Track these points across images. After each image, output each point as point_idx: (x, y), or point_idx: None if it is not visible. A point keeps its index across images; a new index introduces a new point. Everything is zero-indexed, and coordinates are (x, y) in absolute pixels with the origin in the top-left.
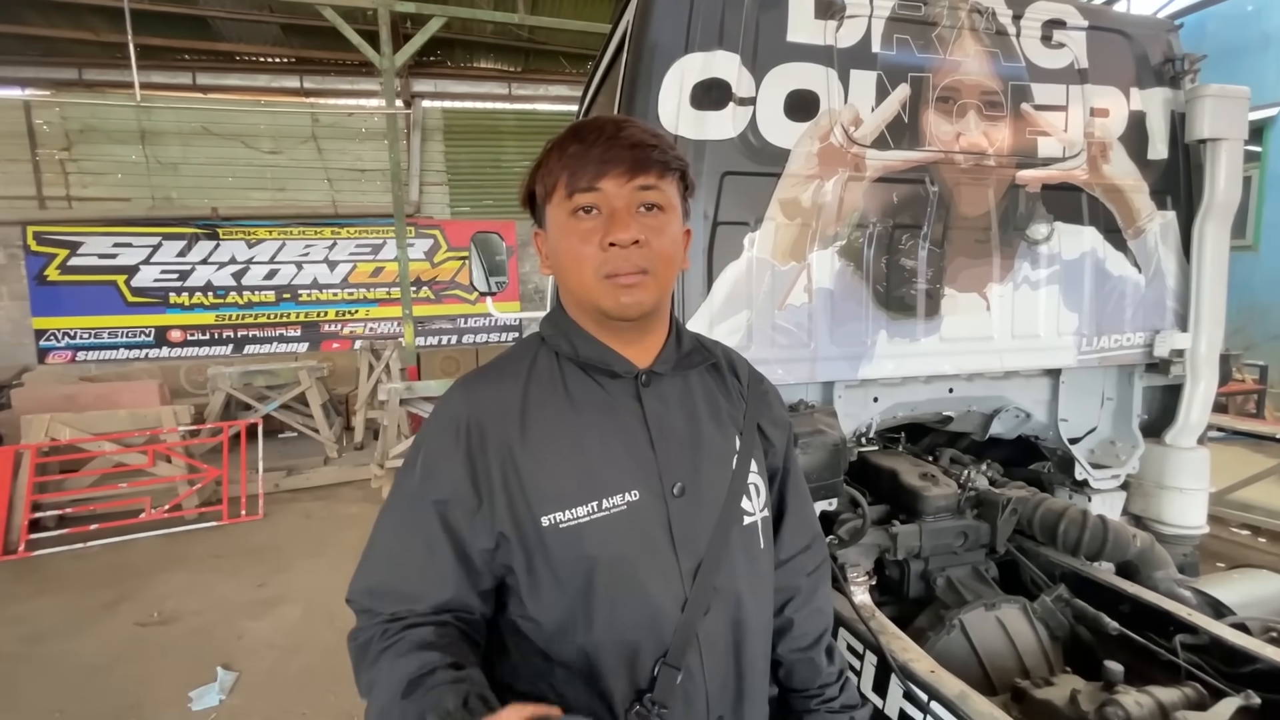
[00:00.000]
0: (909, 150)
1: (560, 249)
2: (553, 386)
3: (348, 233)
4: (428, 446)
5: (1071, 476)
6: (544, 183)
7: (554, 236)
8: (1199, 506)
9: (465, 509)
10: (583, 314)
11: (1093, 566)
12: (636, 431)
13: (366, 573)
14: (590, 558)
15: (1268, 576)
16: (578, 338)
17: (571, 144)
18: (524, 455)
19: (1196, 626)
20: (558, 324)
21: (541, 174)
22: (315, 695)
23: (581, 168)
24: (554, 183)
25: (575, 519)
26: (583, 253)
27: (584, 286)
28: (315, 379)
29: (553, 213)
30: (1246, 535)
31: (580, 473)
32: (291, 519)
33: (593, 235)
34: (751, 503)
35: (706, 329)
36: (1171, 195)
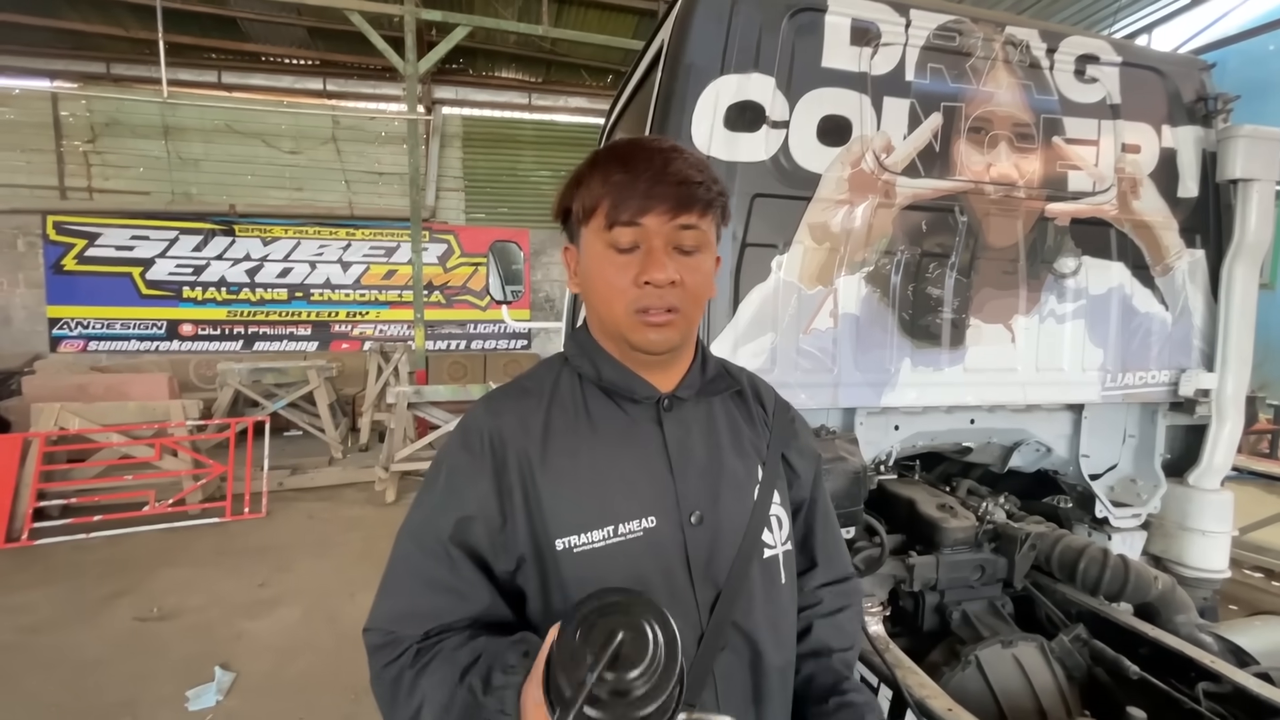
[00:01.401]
0: (939, 179)
1: (593, 276)
2: (574, 408)
3: (362, 234)
4: (451, 461)
5: (1091, 514)
6: (582, 203)
7: (588, 261)
8: (1221, 550)
9: (490, 526)
10: (608, 339)
11: (1111, 607)
12: (656, 457)
13: (390, 597)
14: (603, 583)
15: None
16: (601, 361)
17: (617, 170)
18: (543, 476)
19: (1219, 674)
20: (582, 345)
21: (581, 193)
22: (313, 699)
23: (625, 199)
24: (594, 207)
25: (590, 544)
26: (616, 285)
27: (614, 318)
28: (324, 379)
29: (589, 236)
30: (1260, 578)
31: (598, 497)
32: (294, 519)
33: (628, 269)
34: (773, 535)
35: (731, 351)
36: (1200, 234)
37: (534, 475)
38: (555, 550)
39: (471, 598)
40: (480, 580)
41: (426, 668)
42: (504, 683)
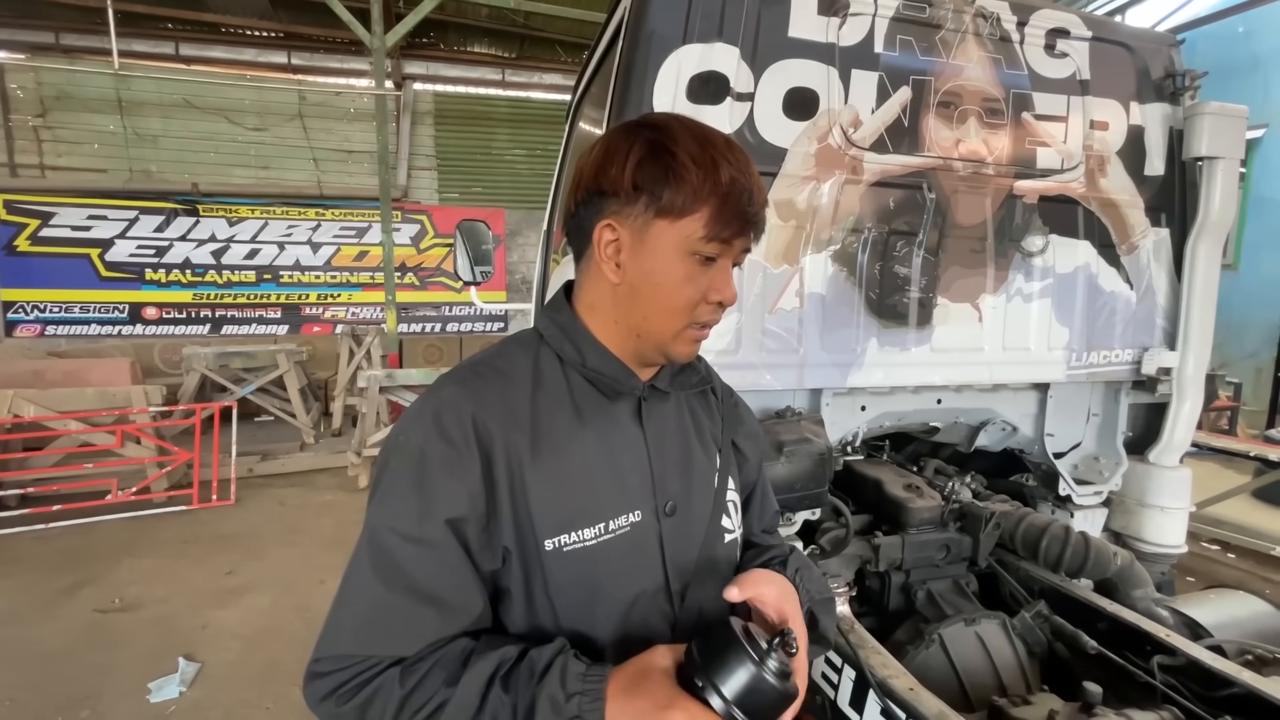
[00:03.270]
0: (908, 155)
1: (659, 278)
2: (560, 396)
3: (332, 215)
4: (430, 450)
5: (1055, 491)
6: (675, 195)
7: (655, 259)
8: (1179, 526)
9: (479, 524)
10: (618, 334)
11: (1072, 583)
12: (638, 449)
13: (359, 614)
14: (593, 580)
15: (1244, 598)
16: (587, 347)
17: (728, 172)
18: (533, 473)
19: (1174, 648)
20: (565, 328)
21: (673, 182)
22: (280, 689)
23: (732, 215)
24: (691, 207)
25: (581, 542)
26: (687, 297)
27: (665, 327)
28: (294, 363)
29: (667, 233)
30: (1216, 550)
31: (589, 494)
32: (264, 505)
33: (700, 282)
34: (731, 520)
35: None
36: (1166, 212)
37: (523, 471)
38: (544, 550)
39: (466, 607)
40: (477, 586)
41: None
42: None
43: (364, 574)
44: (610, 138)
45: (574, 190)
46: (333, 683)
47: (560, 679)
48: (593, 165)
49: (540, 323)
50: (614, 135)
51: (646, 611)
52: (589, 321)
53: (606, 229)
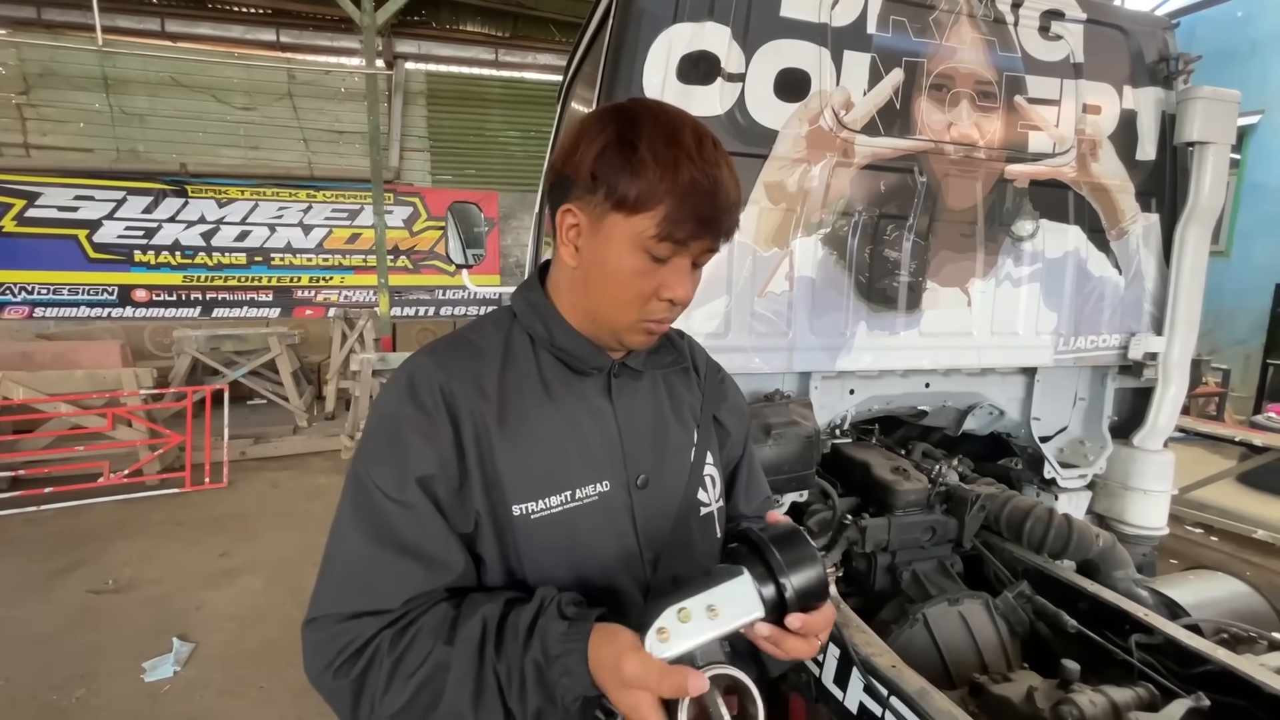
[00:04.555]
0: (899, 138)
1: (610, 270)
2: (529, 372)
3: (324, 196)
4: (402, 414)
5: (1040, 475)
6: (631, 189)
7: (608, 251)
8: (1161, 508)
9: (450, 486)
10: (578, 314)
11: (1055, 564)
12: (607, 423)
13: (345, 573)
14: (561, 548)
15: (1221, 578)
16: (554, 325)
17: (689, 172)
18: (500, 440)
19: (1152, 627)
20: (535, 307)
21: (631, 177)
22: (274, 668)
23: (685, 217)
24: (645, 203)
25: (548, 509)
26: (636, 291)
27: (616, 317)
28: (286, 346)
29: (621, 226)
30: (1200, 534)
31: (555, 462)
32: (257, 488)
33: (652, 278)
34: (708, 493)
35: (684, 315)
36: (1156, 198)
37: (490, 441)
38: (512, 516)
39: (448, 562)
40: (456, 542)
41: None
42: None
43: (348, 531)
44: (583, 123)
45: (549, 173)
46: (329, 652)
47: (542, 644)
48: (561, 149)
49: (514, 301)
50: (587, 121)
51: (618, 576)
52: (557, 301)
53: (568, 214)
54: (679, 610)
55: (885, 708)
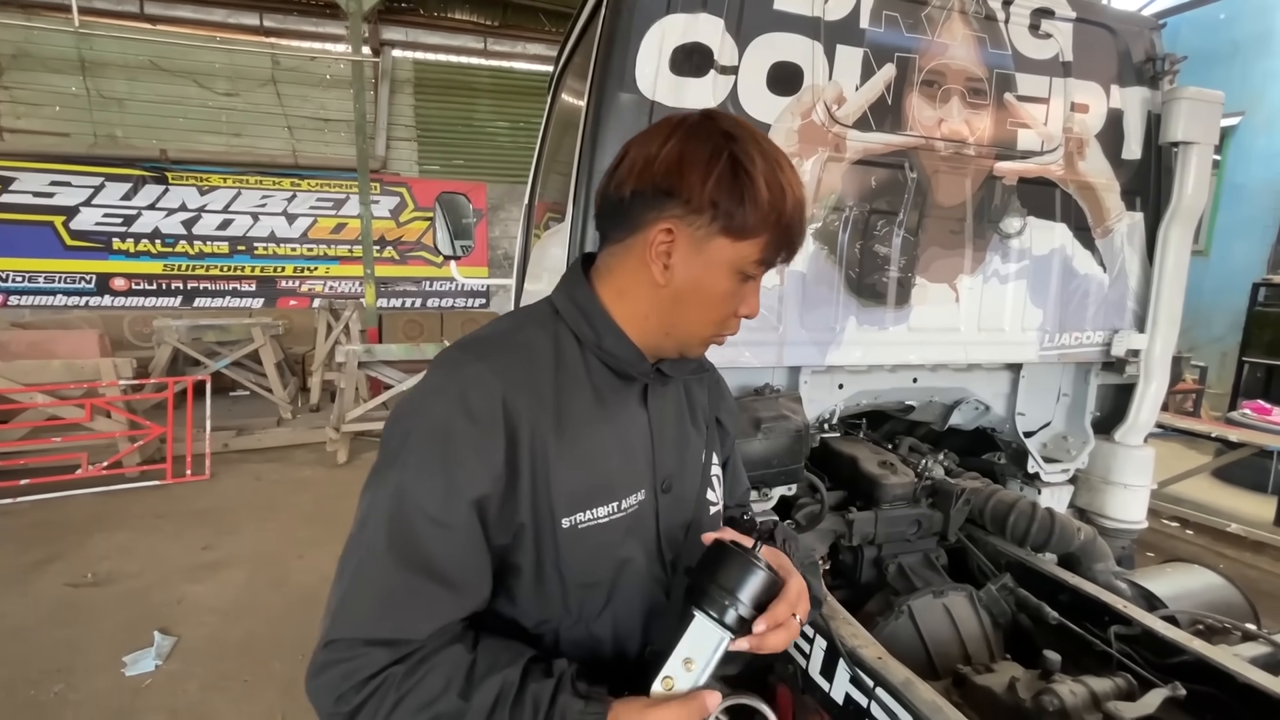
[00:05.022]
0: (891, 134)
1: (703, 289)
2: (578, 377)
3: (309, 185)
4: (457, 428)
5: (1024, 469)
6: (744, 216)
7: (704, 270)
8: (1141, 502)
9: (497, 503)
10: (645, 327)
11: (1037, 557)
12: (644, 431)
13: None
14: (601, 556)
15: (1197, 571)
16: (607, 331)
17: (792, 199)
18: (557, 452)
19: (1130, 618)
20: (583, 308)
21: (748, 205)
22: (258, 662)
23: (785, 243)
24: (752, 229)
25: (595, 519)
26: (722, 309)
27: (695, 332)
28: (269, 337)
29: (724, 248)
30: (1176, 527)
31: (605, 473)
32: (240, 480)
33: (737, 298)
34: (715, 493)
35: None
36: (1141, 197)
37: (546, 451)
38: (560, 528)
39: (479, 590)
40: (488, 567)
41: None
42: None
43: (380, 551)
44: (688, 139)
45: (630, 177)
46: (340, 674)
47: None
48: (666, 164)
49: (557, 299)
50: (691, 137)
51: (643, 580)
52: (613, 306)
53: (664, 230)
54: (664, 679)
55: (871, 698)
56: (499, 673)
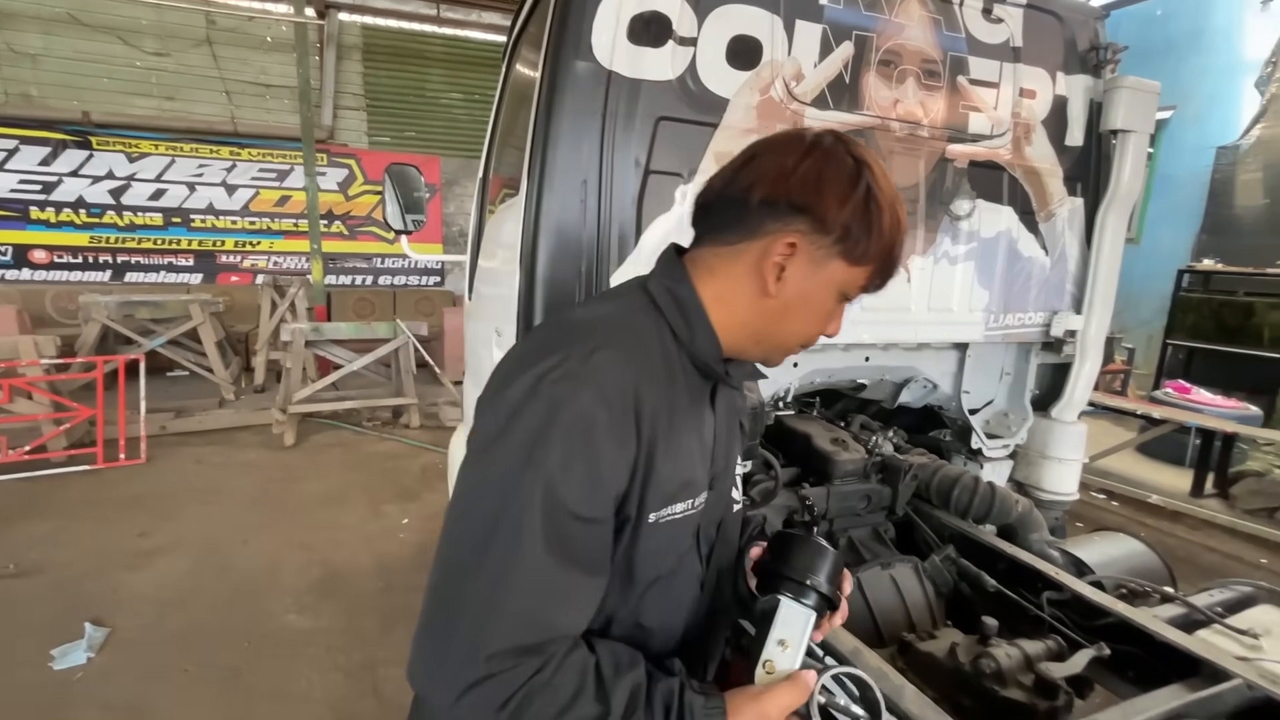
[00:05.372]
0: (847, 112)
1: (813, 306)
2: (677, 372)
3: (249, 154)
4: (599, 420)
5: (968, 445)
6: (866, 245)
7: (819, 289)
8: (1073, 475)
9: (625, 496)
10: (737, 332)
11: (978, 529)
12: (710, 430)
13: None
14: (670, 552)
15: (1122, 539)
16: (702, 332)
17: (902, 233)
18: (665, 448)
19: (1061, 584)
20: (683, 305)
21: (873, 236)
22: (201, 652)
23: (888, 274)
24: (869, 259)
25: (673, 515)
26: (820, 326)
27: (785, 345)
28: (209, 314)
29: (839, 273)
30: (1103, 499)
31: (690, 470)
32: (180, 464)
33: (831, 316)
34: (737, 491)
35: None
36: (1081, 183)
37: (656, 447)
38: (646, 522)
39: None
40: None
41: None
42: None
43: (538, 552)
44: (826, 160)
45: (761, 184)
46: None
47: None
48: (804, 180)
49: (656, 291)
50: (829, 158)
51: (691, 574)
52: (709, 306)
53: (788, 244)
54: (765, 663)
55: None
56: (627, 674)
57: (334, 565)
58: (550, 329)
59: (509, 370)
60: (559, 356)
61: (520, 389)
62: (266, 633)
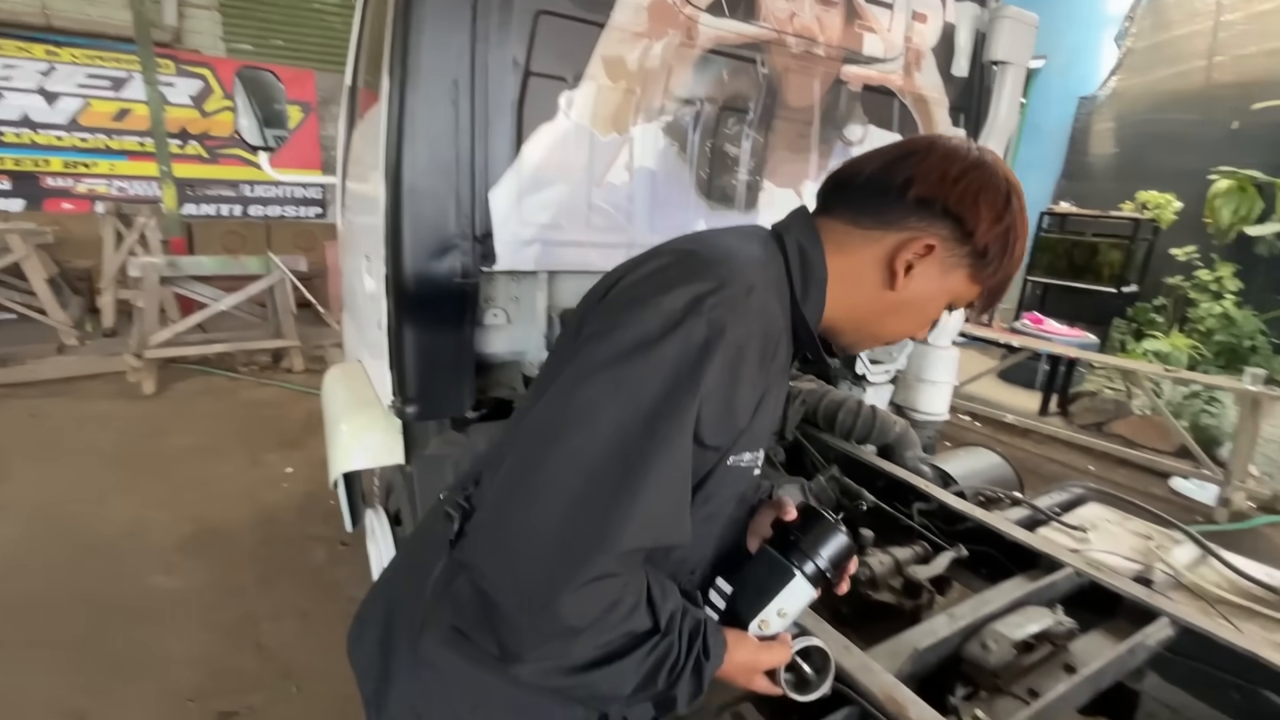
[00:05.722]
0: (744, 22)
1: (926, 308)
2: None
3: (72, 56)
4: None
5: (853, 372)
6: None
7: (938, 293)
8: (945, 397)
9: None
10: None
11: (860, 449)
12: (782, 393)
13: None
14: (731, 496)
15: (982, 453)
16: (815, 303)
17: (1018, 268)
18: (771, 393)
19: (929, 495)
20: (810, 271)
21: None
22: (40, 624)
23: (995, 300)
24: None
25: (742, 462)
26: (918, 327)
27: (880, 337)
28: (34, 247)
29: (961, 283)
30: (969, 421)
31: (770, 422)
32: (9, 419)
33: (927, 324)
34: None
35: (514, 202)
36: (965, 113)
37: (768, 395)
38: (726, 462)
39: None
40: None
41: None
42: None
43: (680, 463)
44: (989, 178)
45: (922, 180)
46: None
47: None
48: (965, 190)
49: (790, 243)
50: (992, 177)
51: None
52: (830, 280)
53: (927, 244)
54: (761, 623)
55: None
56: (671, 597)
57: (207, 521)
58: (694, 254)
59: (655, 281)
60: (715, 283)
61: (680, 301)
62: (128, 597)
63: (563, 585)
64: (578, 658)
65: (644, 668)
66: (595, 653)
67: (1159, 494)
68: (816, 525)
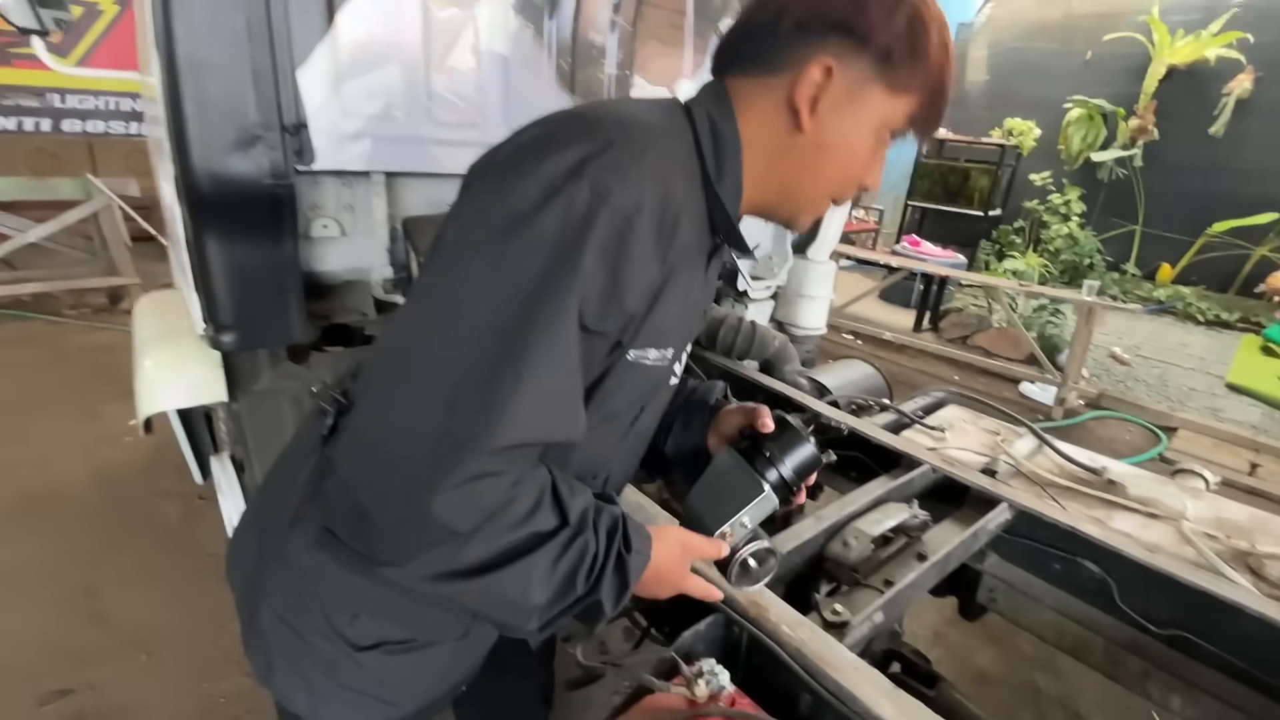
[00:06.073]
0: None
1: (851, 145)
2: (695, 208)
3: None
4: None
5: (735, 288)
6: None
7: (855, 125)
8: (823, 311)
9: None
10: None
11: (741, 365)
12: (700, 292)
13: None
14: (634, 398)
15: (856, 364)
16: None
17: (949, 72)
18: (673, 284)
19: (806, 406)
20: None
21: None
22: None
23: (932, 114)
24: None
25: (645, 360)
26: (856, 172)
27: (817, 194)
28: None
29: (880, 102)
30: (850, 339)
31: (678, 318)
32: None
33: (868, 163)
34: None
35: (332, 88)
36: None
37: (669, 282)
38: (626, 357)
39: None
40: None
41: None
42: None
43: (563, 350)
44: None
45: (796, 3)
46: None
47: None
48: None
49: (698, 117)
50: None
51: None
52: (744, 151)
53: (824, 69)
54: (722, 532)
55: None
56: (580, 495)
57: (35, 486)
58: (583, 117)
59: (533, 146)
60: (602, 143)
61: (561, 166)
62: None
63: (436, 487)
64: (470, 559)
65: (559, 570)
66: (492, 554)
67: (1010, 397)
68: (789, 437)
